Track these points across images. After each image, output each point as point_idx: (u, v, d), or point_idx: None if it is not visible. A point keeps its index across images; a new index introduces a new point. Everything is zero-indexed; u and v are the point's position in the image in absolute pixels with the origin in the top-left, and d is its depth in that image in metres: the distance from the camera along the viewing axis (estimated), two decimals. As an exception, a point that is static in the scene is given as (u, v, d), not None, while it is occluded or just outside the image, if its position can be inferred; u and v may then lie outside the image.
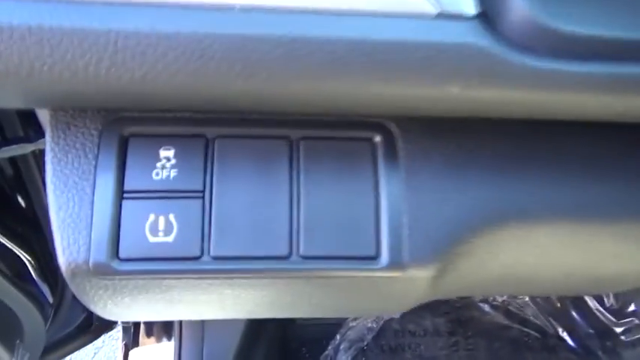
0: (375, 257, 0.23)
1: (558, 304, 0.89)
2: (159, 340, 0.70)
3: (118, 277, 0.22)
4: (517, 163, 0.24)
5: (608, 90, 0.19)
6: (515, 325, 0.88)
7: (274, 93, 0.18)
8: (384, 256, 0.23)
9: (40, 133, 0.45)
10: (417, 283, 0.23)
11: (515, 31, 0.18)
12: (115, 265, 0.21)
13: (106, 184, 0.21)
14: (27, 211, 0.54)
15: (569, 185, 0.23)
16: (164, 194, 0.21)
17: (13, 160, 0.50)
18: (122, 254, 0.21)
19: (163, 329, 0.70)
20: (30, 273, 0.54)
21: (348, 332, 0.83)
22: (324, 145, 0.23)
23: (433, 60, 0.18)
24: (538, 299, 0.90)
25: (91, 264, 0.21)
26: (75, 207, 0.21)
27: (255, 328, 0.70)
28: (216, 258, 0.22)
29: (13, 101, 0.21)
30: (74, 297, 0.67)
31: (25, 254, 0.53)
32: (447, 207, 0.23)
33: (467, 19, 0.19)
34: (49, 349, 0.68)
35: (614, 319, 0.87)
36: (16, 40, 0.17)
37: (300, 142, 0.23)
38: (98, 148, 0.21)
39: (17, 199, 0.53)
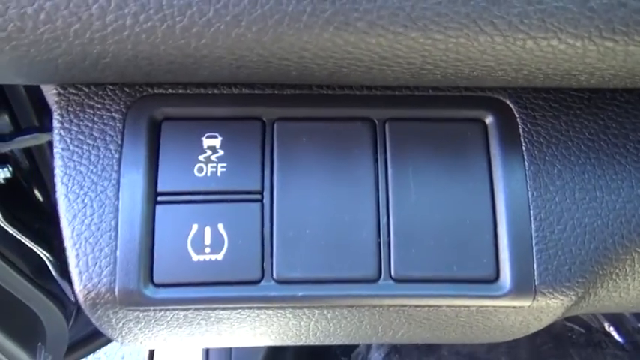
0: (493, 280, 0.18)
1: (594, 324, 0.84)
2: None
3: (152, 307, 0.17)
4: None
5: None
6: (559, 320, 0.83)
7: (359, 44, 0.13)
8: (506, 279, 0.18)
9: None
10: (548, 312, 0.18)
11: None
12: (149, 292, 0.16)
13: (134, 184, 0.16)
14: (44, 206, 0.51)
15: None
16: (210, 197, 0.16)
17: (29, 152, 0.47)
18: (157, 278, 0.16)
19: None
20: (50, 271, 0.52)
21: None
22: (417, 128, 0.17)
23: None
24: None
25: (117, 292, 0.16)
26: (94, 216, 0.16)
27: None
28: (281, 281, 0.17)
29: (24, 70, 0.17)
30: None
31: (43, 251, 0.50)
32: (588, 212, 0.18)
33: None
34: (71, 347, 0.66)
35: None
36: None
37: (385, 124, 0.17)
38: (122, 137, 0.16)
39: (34, 193, 0.50)
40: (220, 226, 0.16)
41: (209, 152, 0.16)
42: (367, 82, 0.16)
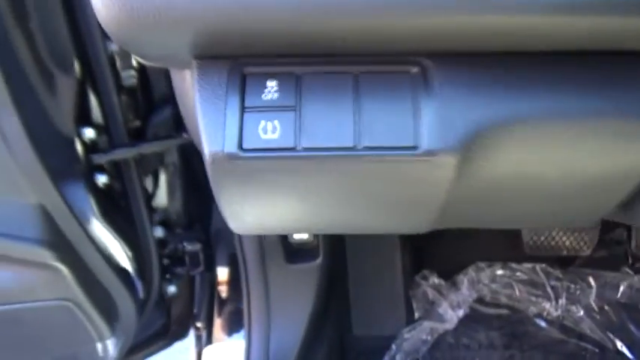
0: (415, 147, 0.29)
1: (614, 318, 0.89)
2: (230, 336, 0.76)
3: (241, 160, 0.29)
4: (523, 80, 0.29)
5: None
6: (572, 340, 0.88)
7: (338, 31, 0.26)
8: (422, 146, 0.29)
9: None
10: (446, 168, 0.29)
11: None
12: (240, 153, 0.29)
13: (233, 103, 0.29)
14: (130, 210, 0.63)
15: (560, 93, 0.29)
16: (271, 108, 0.29)
17: (118, 165, 0.60)
18: (245, 146, 0.29)
19: (234, 329, 0.76)
20: (127, 267, 0.63)
21: (404, 344, 0.86)
22: (377, 77, 0.30)
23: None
24: (594, 313, 0.90)
25: (225, 152, 0.28)
26: (214, 115, 0.29)
27: (315, 332, 0.75)
28: (306, 149, 0.29)
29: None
30: (156, 303, 0.75)
31: (126, 248, 0.62)
32: (468, 112, 0.29)
33: None
34: (133, 349, 0.75)
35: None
36: None
37: (359, 75, 0.30)
38: (227, 81, 0.29)
39: (122, 199, 0.62)
40: (276, 122, 0.28)
41: (270, 87, 0.28)
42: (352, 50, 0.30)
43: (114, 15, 0.26)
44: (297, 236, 0.68)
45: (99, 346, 0.58)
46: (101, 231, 0.58)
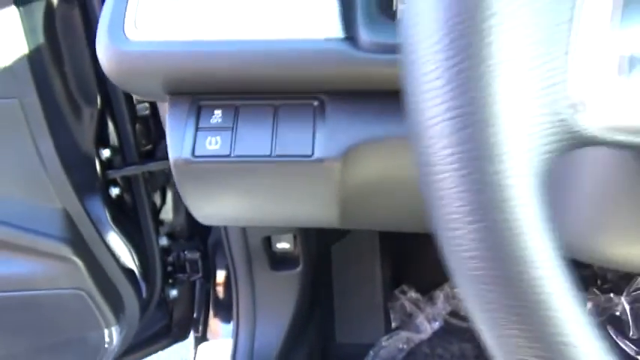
0: (310, 155, 0.39)
1: None
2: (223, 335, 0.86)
3: (193, 164, 0.39)
4: (384, 109, 0.39)
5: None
6: None
7: (265, 78, 0.38)
8: (315, 155, 0.39)
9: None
10: (332, 171, 0.39)
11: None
12: (192, 158, 0.39)
13: (190, 124, 0.39)
14: (137, 219, 0.75)
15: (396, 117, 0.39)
16: (215, 129, 0.39)
17: (128, 179, 0.72)
18: (196, 154, 0.39)
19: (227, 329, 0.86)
20: (133, 268, 0.74)
21: (381, 351, 0.95)
22: (290, 107, 0.40)
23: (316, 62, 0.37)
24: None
25: (182, 158, 0.39)
26: (177, 132, 0.40)
27: (297, 334, 0.84)
28: (237, 156, 0.39)
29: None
30: (159, 304, 0.85)
31: (134, 253, 0.73)
32: (349, 131, 0.39)
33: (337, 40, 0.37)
34: (128, 350, 0.85)
35: (636, 348, 0.92)
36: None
37: (279, 106, 0.41)
38: (188, 110, 0.40)
39: (132, 210, 0.74)
40: (218, 137, 0.40)
41: (216, 114, 0.39)
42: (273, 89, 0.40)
43: (111, 67, 0.38)
44: (279, 245, 0.78)
45: (105, 332, 0.69)
46: (112, 235, 0.70)
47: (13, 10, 0.55)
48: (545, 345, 0.18)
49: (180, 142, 0.39)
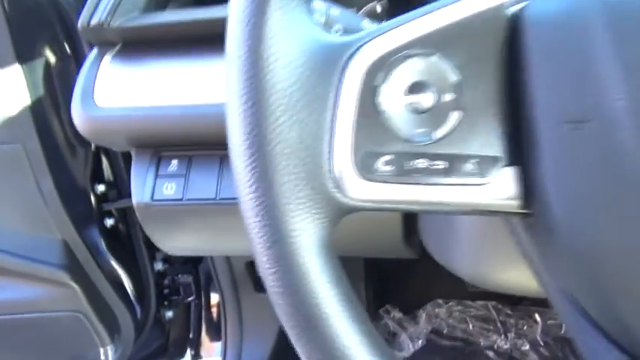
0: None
1: (558, 352, 0.99)
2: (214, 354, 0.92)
3: (152, 206, 0.45)
4: None
5: None
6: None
7: (209, 134, 0.44)
8: None
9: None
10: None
11: None
12: (151, 202, 0.44)
13: (151, 173, 0.45)
14: (131, 247, 0.82)
15: None
16: (172, 176, 0.45)
17: (123, 210, 0.80)
18: (154, 198, 0.45)
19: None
20: (128, 291, 0.81)
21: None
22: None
23: None
24: (539, 347, 1.00)
25: (143, 201, 0.45)
26: (140, 179, 0.46)
27: (282, 351, 0.90)
28: (188, 199, 0.45)
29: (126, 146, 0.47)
30: (153, 324, 0.92)
31: (129, 278, 0.80)
32: None
33: None
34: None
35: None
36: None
37: (223, 157, 0.45)
38: (149, 160, 0.46)
39: (125, 238, 0.81)
40: (173, 183, 0.46)
41: (173, 163, 0.44)
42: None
43: (83, 129, 0.46)
44: (263, 270, 0.84)
45: (101, 350, 0.75)
46: (108, 262, 0.77)
47: (16, 67, 0.63)
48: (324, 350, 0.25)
49: (141, 187, 0.46)
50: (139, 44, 0.45)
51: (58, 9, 0.64)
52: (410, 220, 0.50)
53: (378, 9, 0.59)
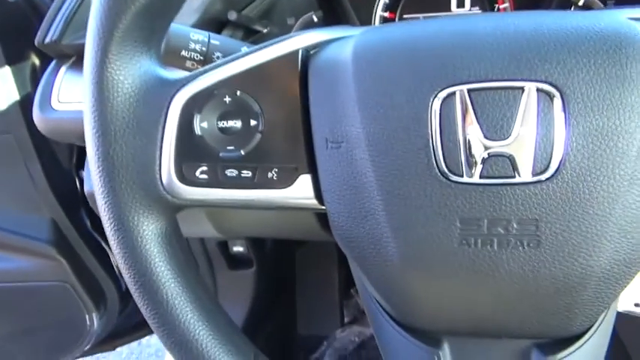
0: None
1: None
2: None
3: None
4: None
5: None
6: None
7: None
8: None
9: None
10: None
11: None
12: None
13: None
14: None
15: None
16: None
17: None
18: None
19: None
20: (113, 266, 0.91)
21: (334, 342, 1.07)
22: None
23: None
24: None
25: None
26: None
27: (254, 326, 0.99)
28: None
29: None
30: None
31: (110, 252, 0.90)
32: None
33: None
34: (116, 335, 1.02)
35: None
36: None
37: None
38: None
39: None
40: None
41: None
42: None
43: (42, 128, 0.54)
44: (235, 248, 0.93)
45: (87, 316, 0.86)
46: (94, 239, 0.86)
47: (6, 69, 0.72)
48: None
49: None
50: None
51: (38, 13, 0.72)
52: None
53: (315, 19, 0.65)
